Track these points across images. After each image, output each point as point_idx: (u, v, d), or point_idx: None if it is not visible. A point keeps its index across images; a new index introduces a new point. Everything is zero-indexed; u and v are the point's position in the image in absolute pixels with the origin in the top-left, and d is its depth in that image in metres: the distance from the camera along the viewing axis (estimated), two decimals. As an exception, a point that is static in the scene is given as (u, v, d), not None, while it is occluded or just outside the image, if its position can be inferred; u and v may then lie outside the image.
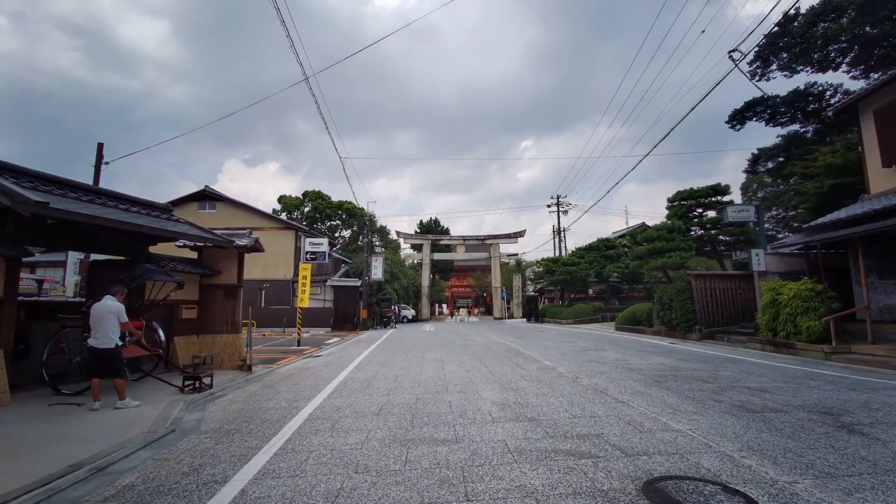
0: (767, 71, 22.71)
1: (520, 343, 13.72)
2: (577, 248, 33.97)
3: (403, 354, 11.28)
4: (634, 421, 4.36)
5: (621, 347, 11.78)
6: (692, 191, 16.85)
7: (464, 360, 9.59)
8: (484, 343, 14.05)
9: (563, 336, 16.58)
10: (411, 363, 9.43)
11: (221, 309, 9.00)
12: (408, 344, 14.55)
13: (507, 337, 16.70)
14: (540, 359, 9.52)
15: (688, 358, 9.36)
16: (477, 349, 12.08)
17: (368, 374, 8.14)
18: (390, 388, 6.57)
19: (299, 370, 8.93)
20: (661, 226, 15.86)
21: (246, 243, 8.90)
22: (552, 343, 13.47)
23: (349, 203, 46.21)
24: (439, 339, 16.67)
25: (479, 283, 60.86)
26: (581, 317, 27.97)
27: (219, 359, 8.75)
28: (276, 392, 6.57)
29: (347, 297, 24.11)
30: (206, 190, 25.04)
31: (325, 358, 11.08)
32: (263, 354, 11.88)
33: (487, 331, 21.45)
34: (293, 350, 13.00)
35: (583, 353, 10.61)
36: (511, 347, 12.33)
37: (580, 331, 20.26)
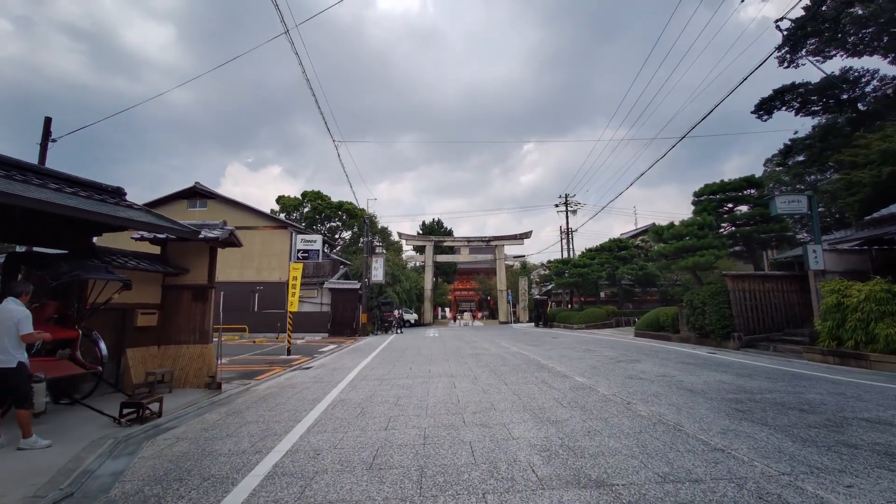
0: (796, 57, 21.20)
1: (537, 352, 12.17)
2: (587, 250, 32.39)
3: (406, 366, 9.76)
4: (765, 491, 2.83)
5: (656, 358, 10.22)
6: (723, 183, 15.31)
7: (478, 376, 8.05)
8: (496, 352, 12.50)
9: (582, 343, 15.02)
10: (415, 379, 7.90)
11: (188, 314, 7.51)
12: (411, 353, 13.02)
13: (520, 344, 15.15)
14: (569, 373, 7.98)
15: (747, 373, 7.80)
16: (490, 360, 10.55)
17: (363, 394, 6.62)
18: (389, 418, 5.05)
19: (281, 388, 7.41)
20: (689, 221, 14.31)
21: (217, 235, 7.41)
22: (573, 352, 11.92)
23: (349, 203, 44.80)
24: (445, 346, 15.13)
25: (483, 287, 59.34)
26: (593, 321, 26.38)
27: (182, 375, 7.25)
28: (242, 423, 5.05)
29: (346, 300, 22.61)
30: (197, 187, 23.63)
31: (316, 371, 9.56)
32: (244, 366, 10.38)
33: (496, 337, 19.90)
34: (281, 360, 11.49)
35: (615, 365, 9.07)
36: (529, 358, 10.79)
37: (597, 337, 18.68)
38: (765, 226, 14.65)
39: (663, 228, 15.22)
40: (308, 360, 11.43)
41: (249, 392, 7.09)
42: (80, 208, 4.96)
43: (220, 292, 22.36)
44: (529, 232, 42.91)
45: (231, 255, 23.36)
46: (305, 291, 23.56)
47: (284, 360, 11.66)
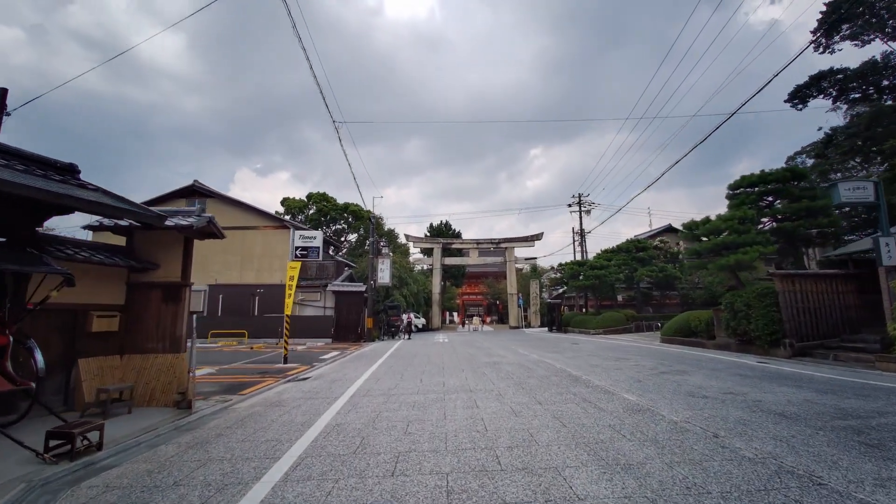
0: (832, 42, 19.78)
1: (561, 360, 10.82)
2: (602, 251, 30.96)
3: (415, 378, 8.47)
4: None
5: (703, 369, 8.84)
6: (763, 174, 13.90)
7: (502, 391, 6.74)
8: (516, 360, 11.17)
9: (608, 350, 13.63)
10: (428, 395, 6.61)
11: (157, 317, 6.30)
12: (420, 361, 11.74)
13: (540, 351, 13.79)
14: (612, 388, 6.64)
15: (828, 388, 6.42)
16: (511, 370, 9.22)
17: (365, 416, 5.34)
18: (397, 456, 3.76)
19: (267, 406, 6.16)
20: (728, 216, 12.91)
21: (192, 223, 6.20)
22: (603, 361, 10.56)
23: (355, 205, 43.79)
24: (457, 353, 13.81)
25: (492, 290, 57.93)
26: (611, 326, 24.92)
27: (147, 391, 6.03)
28: (202, 462, 3.80)
29: (350, 303, 21.39)
30: (195, 185, 22.66)
31: (312, 383, 8.30)
32: (232, 377, 9.15)
33: (511, 342, 18.54)
34: (275, 370, 10.25)
35: (660, 377, 7.71)
36: (555, 367, 9.45)
37: (620, 343, 17.26)
38: (811, 220, 13.22)
39: (697, 224, 13.83)
40: (305, 370, 10.19)
41: (227, 412, 5.84)
42: (23, 185, 3.77)
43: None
44: (540, 234, 41.54)
45: (230, 257, 22.32)
46: (308, 294, 22.41)
47: (279, 368, 10.43)
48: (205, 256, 22.66)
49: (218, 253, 22.64)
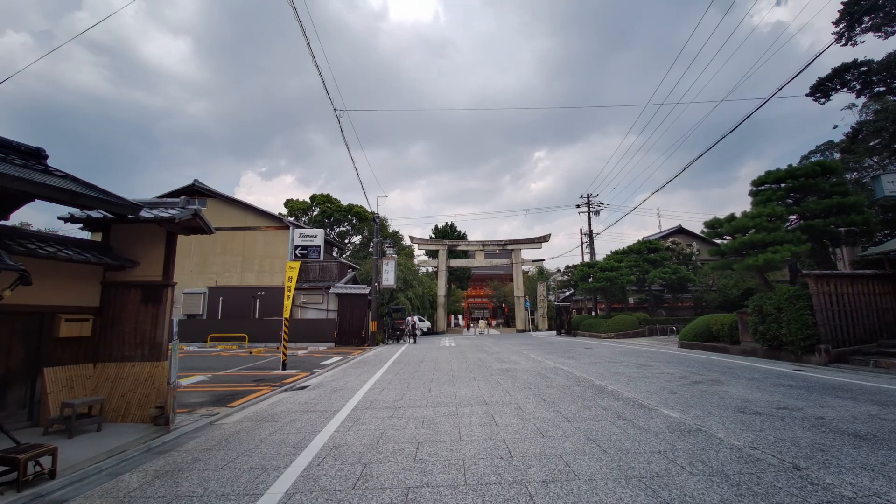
0: (854, 34, 18.97)
1: (579, 367, 10.07)
2: (613, 252, 30.13)
3: (423, 387, 7.75)
4: None
5: (740, 378, 8.06)
6: (791, 169, 13.09)
7: (521, 404, 6.01)
8: (530, 367, 10.42)
9: (626, 356, 12.85)
10: (438, 408, 5.89)
11: (135, 321, 5.63)
12: (427, 367, 11.02)
13: (553, 356, 13.03)
14: (645, 402, 5.89)
15: (887, 400, 5.65)
16: (527, 378, 8.48)
17: (368, 435, 4.63)
18: (406, 493, 3.05)
19: (257, 421, 5.47)
20: (755, 213, 12.10)
21: (173, 216, 5.55)
22: (624, 367, 9.79)
23: (359, 207, 43.23)
24: (466, 359, 13.08)
25: (498, 293, 57.14)
26: (623, 330, 24.08)
27: (122, 404, 5.35)
28: (165, 501, 3.09)
29: (354, 306, 20.72)
30: (196, 185, 22.10)
31: (311, 393, 7.60)
32: (224, 385, 8.46)
33: (520, 347, 17.77)
34: (272, 377, 9.57)
35: (694, 388, 6.95)
36: (574, 375, 8.70)
37: (636, 348, 16.45)
38: (842, 217, 12.39)
39: (720, 221, 13.02)
40: (305, 377, 9.50)
41: (211, 429, 5.15)
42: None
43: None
44: (548, 235, 40.73)
45: (231, 258, 21.72)
46: (310, 297, 21.76)
47: (277, 375, 9.74)
48: (204, 258, 22.10)
49: (218, 254, 22.07)
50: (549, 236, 40.87)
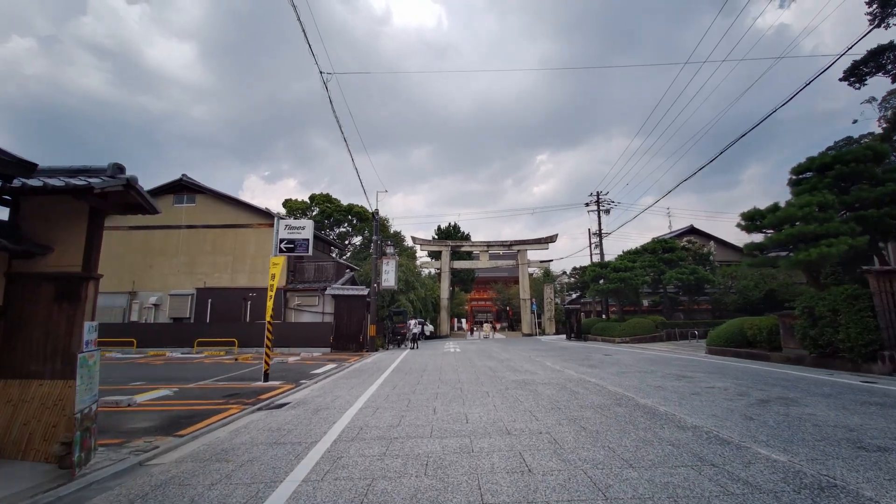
0: (888, 13, 17.57)
1: (609, 379, 8.63)
2: (625, 252, 28.67)
3: (427, 406, 6.33)
4: None
5: (809, 394, 6.61)
6: (839, 154, 11.66)
7: (557, 434, 4.59)
8: (550, 378, 8.99)
9: (656, 365, 11.40)
10: (447, 442, 4.47)
11: (46, 325, 4.25)
12: (431, 378, 9.60)
13: (571, 364, 11.59)
14: (724, 434, 4.46)
15: None
16: (552, 394, 7.05)
17: (347, 491, 3.22)
18: None
19: (201, 463, 4.06)
20: (804, 201, 10.64)
21: (92, 185, 4.15)
22: (662, 380, 8.35)
23: (360, 207, 41.94)
24: (475, 367, 11.66)
25: (502, 296, 55.66)
26: (639, 334, 22.57)
27: (25, 435, 3.97)
28: None
29: (352, 309, 19.33)
30: (184, 179, 20.81)
31: (288, 413, 6.19)
32: (188, 403, 7.06)
33: (531, 352, 16.31)
34: (249, 391, 8.16)
35: (768, 410, 5.52)
36: (607, 390, 7.27)
37: (660, 354, 14.98)
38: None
39: (761, 212, 11.54)
40: (287, 391, 8.09)
41: (134, 475, 3.75)
42: None
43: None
44: (555, 235, 39.33)
45: (221, 257, 20.39)
46: (304, 299, 20.39)
47: (255, 389, 8.34)
48: (192, 257, 20.77)
49: (207, 253, 20.75)
50: (556, 236, 39.45)
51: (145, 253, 20.74)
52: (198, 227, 20.79)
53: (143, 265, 20.61)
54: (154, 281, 20.50)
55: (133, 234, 20.94)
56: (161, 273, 20.54)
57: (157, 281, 20.49)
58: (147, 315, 20.13)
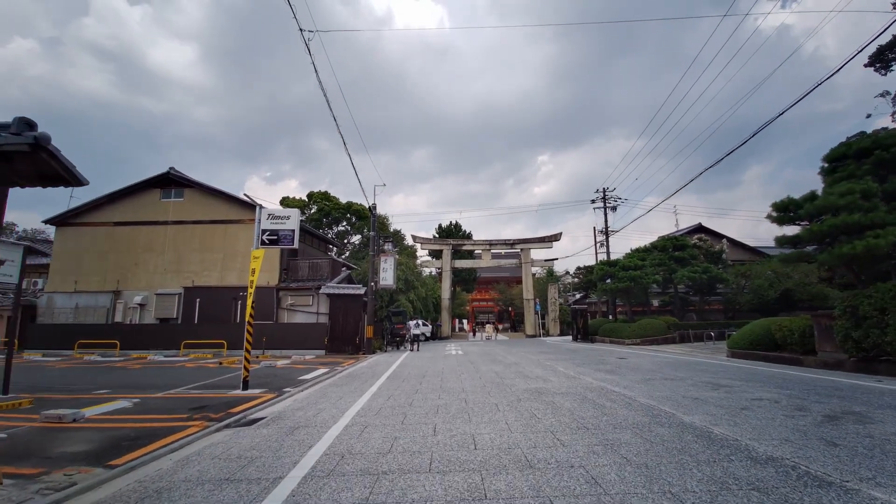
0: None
1: (633, 388, 7.57)
2: (633, 250, 27.61)
3: (425, 424, 5.28)
4: None
5: (874, 407, 5.56)
6: (877, 138, 10.62)
7: (594, 470, 3.53)
8: (566, 386, 7.93)
9: (681, 370, 10.34)
10: (450, 479, 3.41)
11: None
12: (431, 386, 8.55)
13: (586, 369, 10.54)
14: (816, 470, 3.40)
15: None
16: (573, 408, 5.99)
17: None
18: None
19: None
20: (845, 188, 9.56)
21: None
22: (696, 390, 7.29)
23: (358, 205, 40.94)
24: (479, 372, 10.61)
25: (504, 296, 54.66)
26: (650, 335, 21.50)
27: None
28: None
29: (348, 309, 18.29)
30: (171, 173, 19.76)
31: (257, 433, 5.15)
32: (143, 418, 6.01)
33: (540, 355, 15.25)
34: (221, 402, 7.12)
35: (845, 429, 4.47)
36: (637, 402, 6.21)
37: (681, 358, 13.92)
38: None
39: (796, 202, 10.46)
40: (266, 402, 7.04)
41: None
42: None
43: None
44: (559, 234, 38.27)
45: (210, 255, 19.38)
46: (298, 298, 19.35)
47: (230, 399, 7.30)
48: (180, 255, 19.76)
49: (196, 250, 19.72)
50: (559, 235, 38.41)
51: (130, 250, 19.72)
52: (186, 223, 19.76)
53: (129, 263, 19.59)
54: (139, 280, 19.47)
55: (118, 231, 19.92)
56: (147, 271, 19.51)
57: (143, 280, 19.46)
58: (132, 316, 19.11)
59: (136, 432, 5.18)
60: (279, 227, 8.84)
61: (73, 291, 19.63)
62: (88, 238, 19.97)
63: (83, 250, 19.88)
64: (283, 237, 8.84)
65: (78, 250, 19.93)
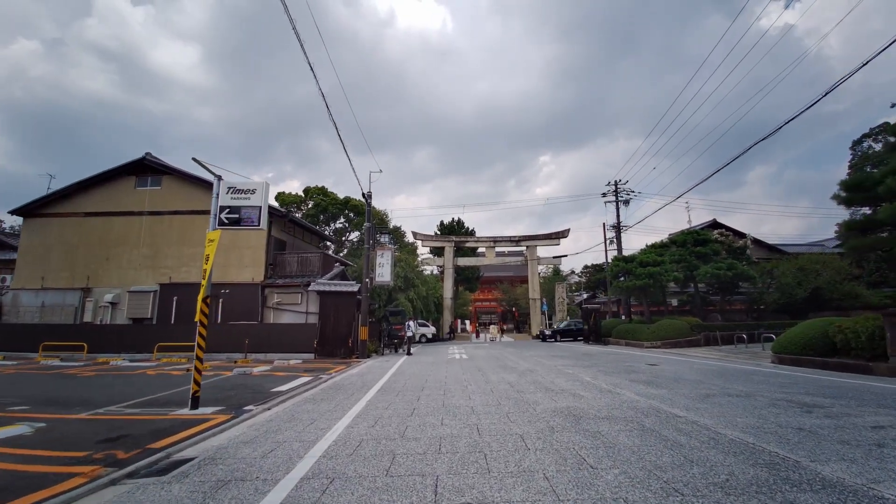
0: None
1: (694, 409, 5.79)
2: (649, 246, 25.78)
3: (426, 477, 3.49)
4: None
5: None
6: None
7: None
8: (608, 407, 6.14)
9: (739, 382, 8.55)
10: None
11: None
12: (431, 403, 6.77)
13: (622, 380, 8.74)
14: None
15: None
16: (635, 446, 4.20)
17: None
18: None
19: None
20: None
21: None
22: (781, 412, 5.53)
23: (356, 200, 39.19)
24: (489, 383, 8.82)
25: (508, 296, 52.84)
26: (671, 337, 19.66)
27: None
28: None
29: (339, 307, 16.52)
30: (147, 159, 18.01)
31: (162, 494, 3.35)
32: (25, 454, 4.21)
33: (554, 360, 13.43)
34: (153, 427, 5.34)
35: None
36: (725, 437, 4.42)
37: (719, 364, 12.12)
38: None
39: (872, 178, 8.63)
40: (212, 427, 5.27)
41: None
42: None
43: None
44: (566, 230, 36.44)
45: (189, 249, 17.63)
46: (285, 296, 17.60)
47: (166, 424, 5.52)
48: (156, 249, 18.03)
49: (174, 244, 17.97)
50: (567, 231, 36.56)
51: (102, 244, 17.98)
52: (163, 214, 17.99)
53: (100, 258, 17.85)
54: (111, 276, 17.73)
55: (89, 222, 18.18)
56: (119, 267, 17.76)
57: (115, 276, 17.71)
58: (103, 315, 17.36)
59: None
60: (242, 202, 7.07)
61: (40, 288, 17.91)
62: (57, 230, 18.26)
63: (52, 244, 18.17)
64: (247, 216, 7.07)
65: (46, 244, 18.22)
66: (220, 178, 7.17)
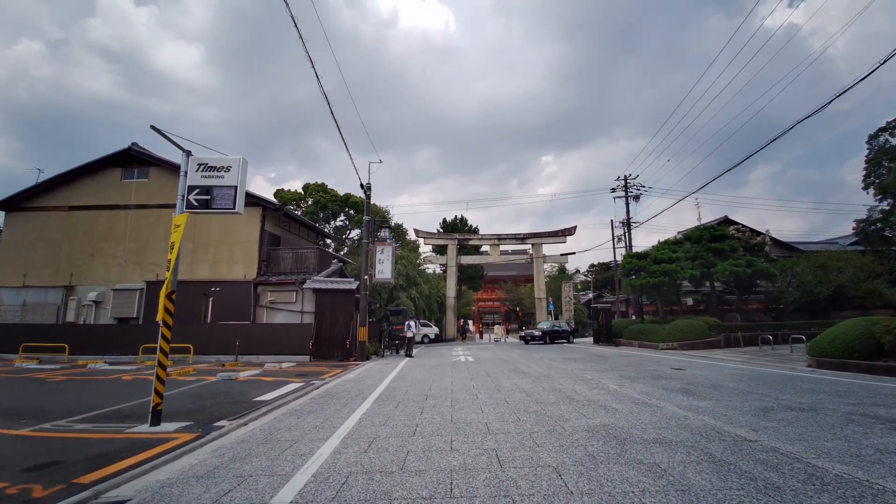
0: None
1: (762, 429, 4.76)
2: (661, 242, 24.70)
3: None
4: None
5: None
6: None
7: None
8: (654, 427, 5.10)
9: (779, 388, 7.49)
10: None
11: None
12: (436, 422, 5.74)
13: (654, 388, 7.69)
14: None
15: None
16: (716, 488, 3.14)
17: None
18: None
19: None
20: None
21: None
22: (848, 426, 4.50)
23: (357, 197, 38.16)
24: (503, 393, 7.78)
25: (511, 296, 51.80)
26: (688, 338, 18.57)
27: None
28: None
29: (337, 306, 15.50)
30: (133, 149, 17.03)
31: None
32: None
33: (569, 363, 12.37)
34: (100, 450, 4.31)
35: None
36: (829, 473, 3.37)
37: (750, 368, 11.06)
38: None
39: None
40: (168, 451, 4.25)
41: None
42: None
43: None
44: (573, 227, 35.35)
45: (177, 243, 16.58)
46: (279, 294, 16.61)
47: (115, 446, 4.50)
48: (143, 244, 17.05)
49: (161, 240, 16.99)
50: (574, 229, 35.47)
51: (87, 239, 17.02)
52: (150, 208, 17.00)
53: (84, 254, 16.88)
54: (96, 273, 16.76)
55: (73, 216, 17.22)
56: (104, 263, 16.79)
57: (100, 273, 16.74)
58: (86, 315, 16.40)
59: None
60: (215, 181, 6.08)
61: (22, 286, 16.96)
62: (40, 225, 17.29)
63: (34, 239, 17.21)
64: (219, 197, 6.09)
65: (29, 239, 17.26)
66: (190, 154, 6.17)
